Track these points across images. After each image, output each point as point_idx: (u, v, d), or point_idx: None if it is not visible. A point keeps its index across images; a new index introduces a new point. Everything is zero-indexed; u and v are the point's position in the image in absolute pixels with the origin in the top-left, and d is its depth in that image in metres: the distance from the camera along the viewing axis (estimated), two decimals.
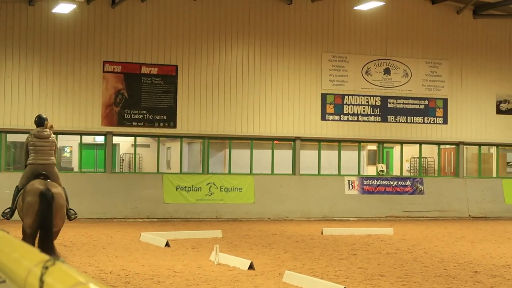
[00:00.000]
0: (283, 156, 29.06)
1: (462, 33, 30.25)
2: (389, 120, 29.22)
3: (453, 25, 30.12)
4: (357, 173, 29.35)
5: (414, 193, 29.10)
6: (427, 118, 29.69)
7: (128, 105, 26.36)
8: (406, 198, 28.99)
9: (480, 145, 31.08)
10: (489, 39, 30.67)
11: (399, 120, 29.33)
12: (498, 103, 30.76)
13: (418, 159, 31.61)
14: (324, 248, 17.93)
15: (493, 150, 32.25)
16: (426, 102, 29.73)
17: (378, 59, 29.19)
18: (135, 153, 28.38)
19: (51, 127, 14.84)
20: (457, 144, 30.43)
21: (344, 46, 28.81)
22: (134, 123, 26.47)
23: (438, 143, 30.75)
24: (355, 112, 28.82)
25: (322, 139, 28.77)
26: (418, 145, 30.43)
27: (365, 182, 28.67)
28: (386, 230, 22.14)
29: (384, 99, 29.18)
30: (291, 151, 28.65)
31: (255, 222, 25.48)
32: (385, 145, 30.70)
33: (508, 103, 30.85)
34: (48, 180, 14.16)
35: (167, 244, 17.56)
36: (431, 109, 29.76)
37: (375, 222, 26.56)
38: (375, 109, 29.05)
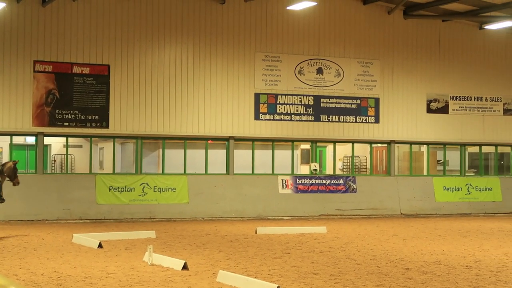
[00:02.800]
0: (217, 155, 29.06)
1: (393, 33, 30.65)
2: (322, 120, 29.43)
3: (384, 25, 30.49)
4: (290, 172, 29.51)
5: (347, 191, 29.39)
6: (359, 117, 30.00)
7: (60, 105, 26.03)
8: (339, 196, 29.26)
9: (411, 143, 31.53)
10: (419, 39, 31.12)
11: (331, 119, 29.57)
12: (428, 102, 31.25)
13: (350, 158, 31.93)
14: (258, 247, 17.97)
15: (424, 148, 32.76)
16: (358, 101, 30.03)
17: (311, 59, 29.38)
18: (67, 154, 28.02)
19: None
20: (389, 142, 30.82)
21: (277, 46, 28.93)
22: (66, 124, 26.15)
23: (370, 142, 31.10)
24: (288, 112, 28.96)
25: (256, 138, 28.83)
26: (350, 144, 30.72)
27: (298, 181, 28.83)
28: (319, 229, 22.29)
29: (317, 98, 29.38)
30: (224, 150, 28.65)
31: (189, 222, 25.41)
32: (318, 144, 30.91)
33: (438, 102, 31.36)
34: None
35: (100, 245, 17.39)
36: (363, 109, 30.08)
37: (309, 221, 26.73)
38: (308, 109, 29.23)
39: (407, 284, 12.63)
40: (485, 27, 31.03)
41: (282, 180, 28.62)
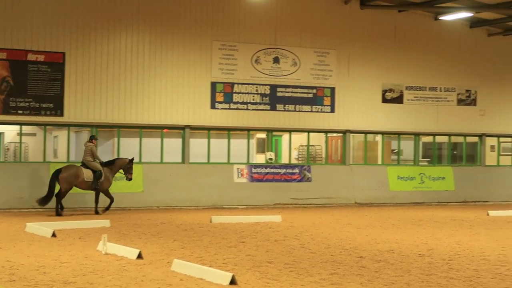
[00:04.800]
0: (173, 144, 28.96)
1: (349, 23, 30.77)
2: (278, 109, 29.50)
3: (341, 15, 30.60)
4: (246, 161, 29.54)
5: (302, 180, 29.51)
6: (315, 106, 30.11)
7: (14, 93, 25.73)
8: (294, 185, 29.37)
9: (366, 133, 31.74)
10: (375, 29, 31.30)
11: (287, 108, 29.65)
12: (384, 92, 31.47)
13: (306, 147, 32.04)
14: (213, 236, 17.99)
15: (379, 138, 33.00)
16: (314, 91, 30.14)
17: (268, 48, 29.39)
18: (20, 142, 27.71)
19: None
20: (344, 132, 30.99)
21: (234, 35, 28.89)
22: (20, 111, 25.87)
23: (326, 131, 31.23)
24: (245, 101, 28.97)
25: (212, 127, 28.80)
26: (306, 133, 30.83)
27: (254, 170, 28.88)
28: (274, 218, 22.37)
29: (273, 87, 29.43)
30: (180, 139, 28.58)
31: (144, 211, 25.33)
32: (274, 133, 30.97)
33: (393, 92, 31.60)
34: None
35: (53, 235, 17.27)
36: (319, 98, 30.20)
37: (264, 210, 26.79)
38: (264, 98, 29.27)
39: (361, 272, 12.74)
40: (441, 18, 31.30)
41: (238, 169, 28.64)
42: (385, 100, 31.52)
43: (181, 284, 11.42)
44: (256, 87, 29.19)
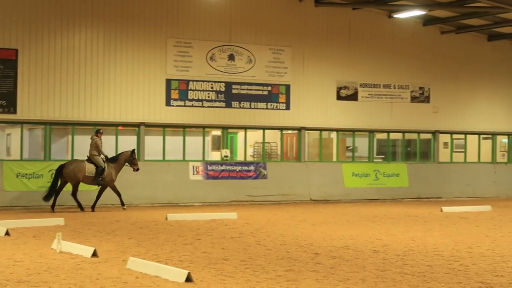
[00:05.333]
0: (128, 142, 28.77)
1: (304, 20, 30.88)
2: (233, 106, 29.50)
3: (296, 13, 30.69)
4: (201, 159, 29.49)
5: (258, 177, 29.56)
6: (270, 104, 30.17)
7: None
8: (249, 182, 29.41)
9: (321, 130, 31.88)
10: (330, 27, 31.45)
11: (243, 105, 29.66)
12: (338, 89, 31.65)
13: (261, 144, 32.09)
14: (168, 233, 17.95)
15: (333, 135, 33.17)
16: (270, 88, 30.20)
17: (223, 45, 29.38)
18: None
19: None
20: (299, 129, 31.10)
21: (189, 32, 28.81)
22: None
23: (281, 129, 31.32)
24: (200, 98, 28.92)
25: (167, 124, 28.70)
26: (261, 130, 30.87)
27: (209, 168, 28.85)
28: (230, 215, 22.39)
29: (228, 85, 29.42)
30: (135, 137, 28.43)
31: (99, 209, 25.14)
32: (229, 130, 30.98)
33: (348, 89, 31.79)
34: None
35: (7, 233, 17.09)
36: (274, 95, 30.27)
37: (220, 207, 26.79)
38: (219, 95, 29.25)
39: (316, 268, 12.80)
40: (394, 16, 31.56)
41: (193, 166, 28.58)
42: (339, 97, 31.69)
43: (137, 282, 11.38)
44: (211, 84, 29.16)
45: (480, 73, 35.00)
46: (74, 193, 24.56)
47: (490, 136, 35.87)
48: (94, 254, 13.70)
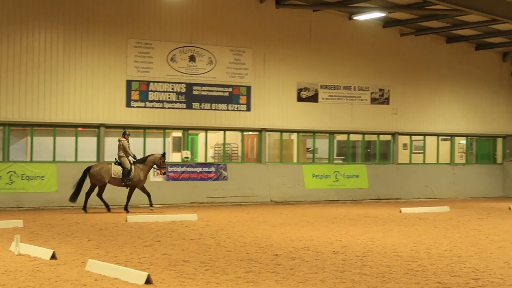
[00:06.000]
0: (88, 143, 28.61)
1: (265, 22, 30.93)
2: (194, 107, 29.47)
3: (257, 14, 30.73)
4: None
5: (218, 179, 29.55)
6: (231, 105, 30.18)
7: None
8: (210, 184, 29.39)
9: (281, 131, 31.97)
10: (290, 28, 31.55)
11: (203, 107, 29.64)
12: (299, 91, 31.76)
13: (222, 146, 32.09)
14: (128, 235, 17.88)
15: (294, 136, 33.27)
16: (230, 89, 30.21)
17: (184, 46, 29.33)
18: None
19: None
20: (260, 130, 31.15)
21: (149, 33, 28.72)
22: None
23: (242, 130, 31.35)
24: (160, 99, 28.85)
25: (127, 126, 28.54)
26: (222, 131, 30.88)
27: (170, 169, 28.76)
28: (190, 216, 22.38)
29: (189, 86, 29.38)
30: (95, 138, 28.26)
31: (58, 211, 24.99)
32: (190, 131, 30.93)
33: (308, 90, 31.91)
34: None
35: None
36: (235, 97, 30.29)
37: (180, 209, 26.75)
38: (180, 96, 29.20)
39: (276, 269, 12.85)
40: (354, 18, 31.75)
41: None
42: (300, 99, 31.80)
43: (96, 284, 11.33)
44: (172, 86, 29.10)
45: (439, 75, 35.35)
46: (100, 194, 25.02)
47: (449, 137, 36.26)
48: (53, 257, 13.61)
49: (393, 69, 33.97)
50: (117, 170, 24.86)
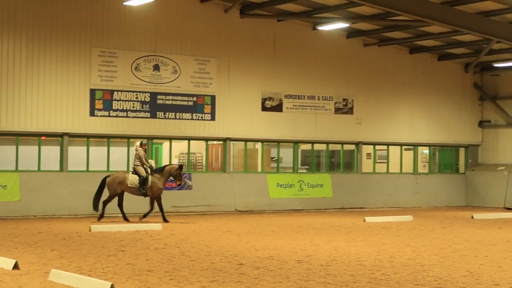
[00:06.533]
0: (51, 152, 28.41)
1: (229, 31, 30.98)
2: (158, 116, 29.41)
3: (221, 24, 30.77)
4: (126, 169, 29.24)
5: (183, 188, 29.48)
6: (195, 114, 30.16)
7: None
8: (175, 193, 29.30)
9: (246, 141, 31.99)
10: (255, 38, 31.63)
11: (168, 116, 29.59)
12: (263, 100, 31.83)
13: (186, 155, 32.04)
14: (92, 245, 17.77)
15: (259, 146, 33.31)
16: (195, 98, 30.19)
17: (148, 55, 29.27)
18: None
19: None
20: (224, 140, 31.17)
21: (113, 42, 28.63)
22: None
23: (206, 139, 31.33)
24: (125, 108, 28.75)
25: (91, 135, 28.43)
26: (186, 141, 30.85)
27: None
28: (154, 226, 22.32)
29: (154, 95, 29.32)
30: (58, 147, 28.07)
31: (21, 221, 24.77)
32: (154, 141, 30.87)
33: (273, 100, 32.00)
34: None
35: None
36: (199, 106, 30.27)
37: (144, 218, 26.58)
38: (144, 105, 29.13)
39: (240, 279, 12.84)
40: (319, 28, 31.91)
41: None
42: (264, 108, 31.88)
43: None
44: (136, 95, 29.02)
45: (402, 85, 35.65)
46: (119, 204, 25.25)
47: (412, 147, 36.55)
48: (16, 267, 13.48)
49: (357, 79, 34.19)
50: (133, 179, 24.94)
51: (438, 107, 36.83)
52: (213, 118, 30.57)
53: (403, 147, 36.15)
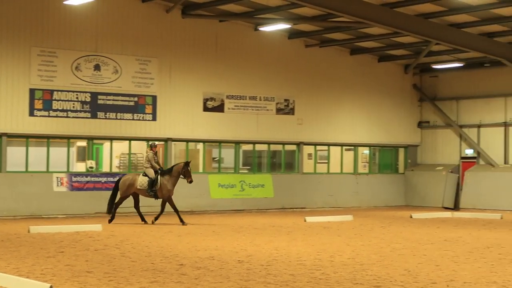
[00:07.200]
0: None
1: (171, 32, 30.89)
2: (99, 117, 29.18)
3: (163, 24, 30.67)
4: (66, 170, 28.99)
5: None
6: (136, 114, 30.01)
7: None
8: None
9: (187, 141, 31.95)
10: (197, 38, 31.59)
11: (109, 116, 29.39)
12: (205, 100, 31.81)
13: (127, 155, 31.86)
14: (31, 246, 17.58)
15: (200, 146, 33.28)
16: (136, 98, 30.04)
17: (88, 55, 29.03)
18: None
19: None
20: (166, 140, 31.08)
21: (53, 41, 28.33)
22: None
23: (147, 140, 31.14)
24: (65, 108, 28.47)
25: (30, 135, 28.09)
26: (127, 141, 30.68)
27: (74, 179, 28.41)
28: (94, 227, 22.16)
29: (94, 95, 29.09)
30: None
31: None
32: (95, 141, 30.64)
33: (214, 100, 32.00)
34: None
35: None
36: (140, 106, 30.13)
37: (84, 219, 26.43)
38: (85, 105, 28.88)
39: (181, 279, 12.83)
40: (260, 29, 32.02)
41: (57, 177, 28.08)
42: (206, 109, 31.87)
43: None
44: (77, 95, 28.75)
45: (343, 86, 35.97)
46: (136, 205, 25.29)
47: (352, 147, 36.89)
48: None
49: (298, 80, 34.38)
50: (142, 181, 24.76)
51: (378, 108, 37.25)
52: (154, 119, 30.45)
53: (344, 147, 36.48)
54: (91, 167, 29.63)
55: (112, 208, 25.02)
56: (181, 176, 25.11)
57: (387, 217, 29.41)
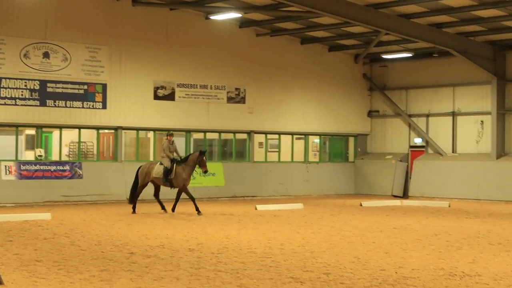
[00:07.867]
0: None
1: (121, 19, 30.68)
2: (48, 105, 28.89)
3: (113, 12, 30.45)
4: (14, 158, 28.68)
5: (73, 177, 29.11)
6: (86, 103, 29.78)
7: None
8: (65, 182, 28.91)
9: (138, 130, 31.80)
10: (147, 27, 31.42)
11: (58, 104, 29.12)
12: (156, 89, 31.69)
13: (77, 144, 31.61)
14: None
15: (151, 134, 33.15)
16: (86, 87, 29.81)
17: (37, 43, 28.71)
18: None
19: None
20: (116, 128, 30.90)
21: (1, 28, 27.96)
22: None
23: (97, 128, 30.99)
24: (13, 96, 28.13)
25: None
26: (77, 129, 30.44)
27: (22, 167, 28.12)
28: (43, 215, 21.98)
29: (43, 83, 28.79)
30: None
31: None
32: (44, 129, 30.33)
33: (165, 89, 31.89)
34: None
35: None
36: (90, 94, 29.91)
37: (33, 208, 26.19)
38: (33, 93, 28.57)
39: (131, 268, 12.81)
40: (211, 18, 31.95)
41: (6, 166, 27.75)
42: (157, 97, 31.75)
43: None
44: (25, 82, 28.43)
45: (294, 76, 36.09)
46: (156, 194, 25.37)
47: (303, 136, 37.07)
48: None
49: (249, 69, 34.42)
50: (158, 170, 24.56)
51: (329, 97, 37.46)
52: (104, 107, 30.25)
53: (294, 136, 36.64)
54: (40, 156, 29.35)
55: (134, 198, 24.91)
56: (197, 166, 24.86)
57: (337, 205, 29.64)
